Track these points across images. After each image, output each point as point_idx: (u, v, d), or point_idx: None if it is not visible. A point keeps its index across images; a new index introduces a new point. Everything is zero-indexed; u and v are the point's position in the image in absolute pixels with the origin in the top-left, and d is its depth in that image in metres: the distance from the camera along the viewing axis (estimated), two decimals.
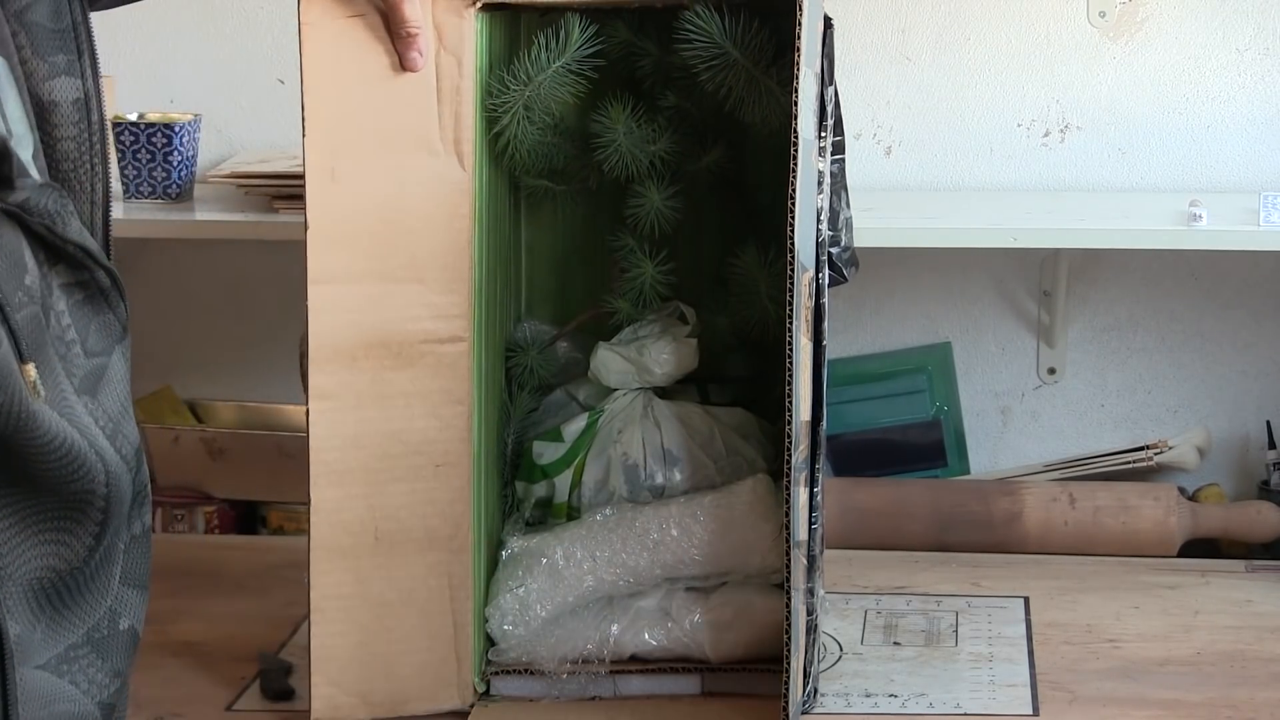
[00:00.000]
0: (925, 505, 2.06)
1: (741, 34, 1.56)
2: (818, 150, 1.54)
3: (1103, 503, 2.04)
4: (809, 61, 1.48)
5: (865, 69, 2.19)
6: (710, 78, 1.58)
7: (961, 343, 2.25)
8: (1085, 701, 1.64)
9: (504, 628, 1.62)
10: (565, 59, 1.59)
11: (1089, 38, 2.17)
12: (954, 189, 2.21)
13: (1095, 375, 2.25)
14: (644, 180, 1.63)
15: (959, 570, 1.97)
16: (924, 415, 2.23)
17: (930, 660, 1.73)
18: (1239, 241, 1.98)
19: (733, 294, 1.66)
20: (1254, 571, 1.96)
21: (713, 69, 1.57)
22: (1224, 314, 2.21)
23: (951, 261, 2.21)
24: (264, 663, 1.74)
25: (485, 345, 1.61)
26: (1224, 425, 2.23)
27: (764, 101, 1.58)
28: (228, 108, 2.25)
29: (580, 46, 1.59)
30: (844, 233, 1.66)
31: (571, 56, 1.59)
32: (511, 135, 1.60)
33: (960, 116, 2.20)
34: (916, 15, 2.19)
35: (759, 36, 1.57)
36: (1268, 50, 2.15)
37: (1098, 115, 2.18)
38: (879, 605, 1.87)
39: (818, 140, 1.54)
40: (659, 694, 1.64)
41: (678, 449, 1.67)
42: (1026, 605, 1.86)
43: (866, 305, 2.24)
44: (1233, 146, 2.17)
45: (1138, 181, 2.19)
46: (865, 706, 1.63)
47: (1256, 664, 1.71)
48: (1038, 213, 2.08)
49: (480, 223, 1.59)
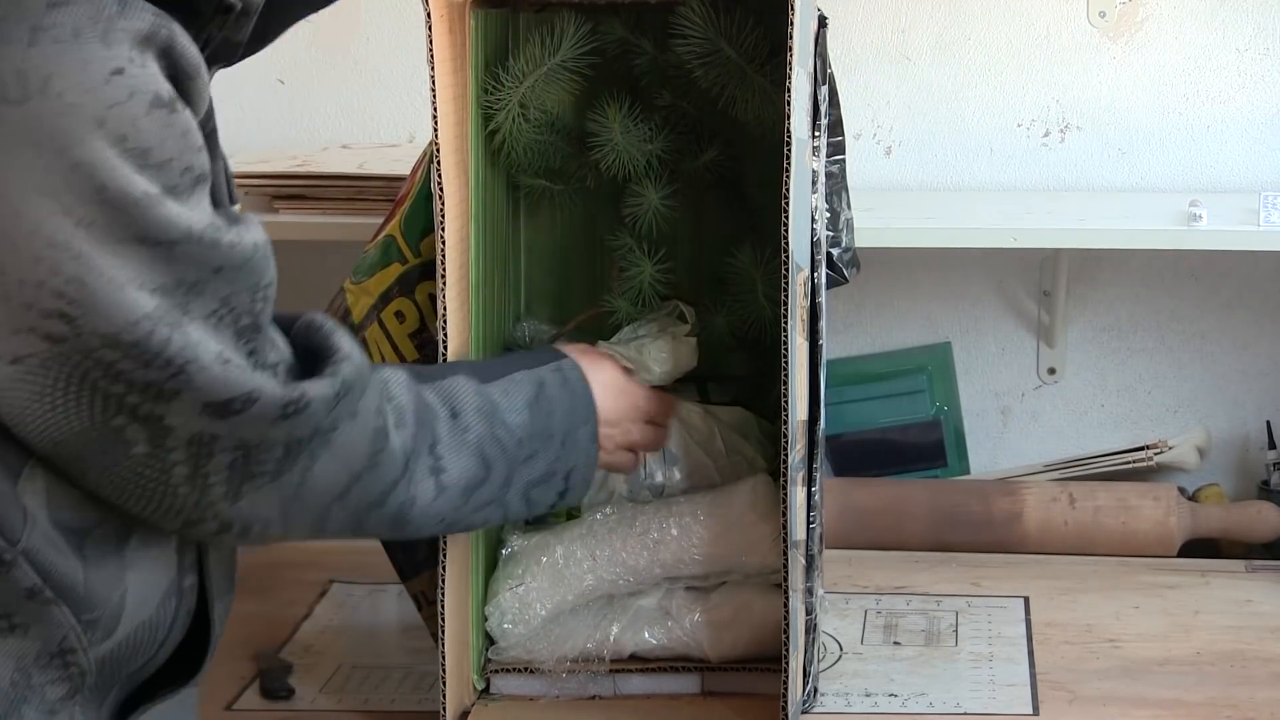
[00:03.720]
0: (925, 505, 2.06)
1: (736, 31, 1.56)
2: (811, 150, 1.53)
3: (1103, 503, 2.04)
4: (802, 61, 1.48)
5: (865, 69, 2.19)
6: (704, 74, 1.58)
7: (961, 343, 2.25)
8: (1085, 701, 1.64)
9: (504, 626, 1.62)
10: (559, 57, 1.59)
11: (1089, 38, 2.17)
12: (954, 189, 2.21)
13: (1095, 375, 2.25)
14: (641, 179, 1.63)
15: (959, 570, 1.97)
16: (924, 415, 2.23)
17: (930, 660, 1.73)
18: (1239, 241, 1.97)
19: (730, 293, 1.65)
20: (1254, 571, 1.96)
21: (706, 65, 1.57)
22: (1224, 314, 2.21)
23: (951, 261, 2.21)
24: (264, 663, 1.74)
25: (484, 345, 1.61)
26: (1224, 425, 2.22)
27: (757, 99, 1.58)
28: (228, 107, 2.23)
29: (575, 44, 1.59)
30: (845, 233, 1.66)
31: (566, 54, 1.59)
32: (507, 133, 1.60)
33: (960, 116, 2.20)
34: (916, 15, 2.19)
35: (753, 34, 1.57)
36: (1268, 50, 2.15)
37: (1098, 115, 2.18)
38: (879, 605, 1.87)
39: (811, 140, 1.53)
40: (658, 693, 1.64)
41: (677, 448, 1.66)
42: (1026, 605, 1.86)
43: (866, 305, 2.24)
44: (1233, 146, 2.17)
45: (1138, 181, 2.19)
46: (865, 706, 1.63)
47: (1256, 664, 1.71)
48: (1038, 213, 2.08)
49: (478, 222, 1.59)
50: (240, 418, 1.15)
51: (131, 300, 1.09)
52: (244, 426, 1.15)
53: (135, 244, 1.08)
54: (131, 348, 1.09)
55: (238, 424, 1.15)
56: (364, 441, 1.24)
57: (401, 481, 1.28)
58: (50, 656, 1.16)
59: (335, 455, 1.22)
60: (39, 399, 1.10)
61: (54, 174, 1.06)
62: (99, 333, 1.08)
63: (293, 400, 1.18)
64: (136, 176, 1.08)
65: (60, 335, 1.08)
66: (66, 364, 1.09)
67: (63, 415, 1.11)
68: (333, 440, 1.21)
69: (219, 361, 1.13)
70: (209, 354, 1.12)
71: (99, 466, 1.14)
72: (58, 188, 1.06)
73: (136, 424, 1.12)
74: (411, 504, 1.30)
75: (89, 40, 1.07)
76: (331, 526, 1.26)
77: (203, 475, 1.16)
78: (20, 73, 1.06)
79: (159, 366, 1.10)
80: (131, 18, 1.09)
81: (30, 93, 1.05)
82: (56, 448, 1.12)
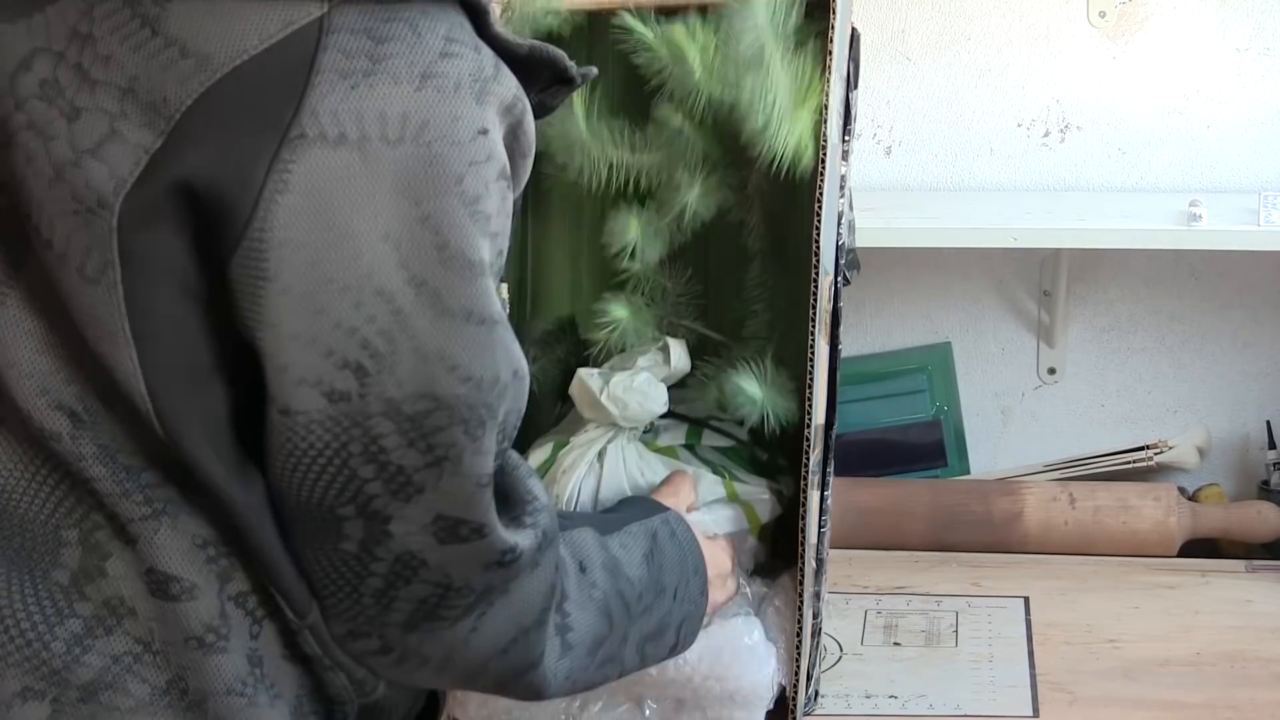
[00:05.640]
0: (925, 505, 2.06)
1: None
2: (841, 154, 1.53)
3: (1103, 503, 2.04)
4: (838, 66, 1.48)
5: (865, 69, 2.17)
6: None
7: (961, 343, 2.25)
8: (1085, 702, 1.64)
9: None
10: None
11: (1089, 38, 2.17)
12: (954, 189, 2.21)
13: (1095, 375, 2.25)
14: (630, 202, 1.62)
15: (959, 570, 1.97)
16: (924, 415, 2.24)
17: (930, 660, 1.73)
18: (1239, 241, 1.97)
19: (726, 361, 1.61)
20: (1254, 571, 1.96)
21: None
22: (1224, 314, 2.21)
23: (951, 261, 2.21)
24: None
25: None
26: (1224, 425, 2.23)
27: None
28: None
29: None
30: (847, 234, 1.66)
31: None
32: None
33: (960, 116, 2.20)
34: (916, 15, 2.19)
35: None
36: (1268, 50, 2.15)
37: (1098, 115, 2.18)
38: (879, 605, 1.87)
39: (841, 144, 1.53)
40: None
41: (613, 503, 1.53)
42: (1026, 605, 1.86)
43: (866, 305, 2.24)
44: (1233, 146, 2.17)
45: (1138, 181, 2.19)
46: (865, 707, 1.63)
47: (1256, 664, 1.71)
48: (1038, 213, 2.08)
49: None
50: (460, 548, 1.10)
51: (431, 371, 1.05)
52: (457, 561, 1.11)
53: (457, 319, 1.05)
54: (407, 420, 1.05)
55: (453, 554, 1.10)
56: (540, 597, 1.18)
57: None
58: (324, 698, 1.17)
59: (511, 605, 1.16)
60: (288, 455, 1.07)
61: (403, 222, 1.03)
62: (385, 396, 1.05)
63: (509, 549, 1.13)
64: (479, 241, 1.05)
65: (344, 393, 1.04)
66: (330, 432, 1.05)
67: (299, 481, 1.07)
68: (511, 590, 1.15)
69: (477, 473, 1.09)
70: (473, 459, 1.08)
71: (304, 536, 1.10)
72: (402, 237, 1.03)
73: (360, 520, 1.08)
74: (548, 668, 1.22)
75: (465, 96, 1.05)
76: (480, 683, 1.20)
77: (391, 596, 1.11)
78: (404, 115, 1.03)
79: (422, 450, 1.06)
80: (503, 84, 1.07)
81: (406, 136, 1.03)
82: (282, 504, 1.09)
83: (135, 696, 1.11)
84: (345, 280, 1.03)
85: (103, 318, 1.04)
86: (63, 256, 1.04)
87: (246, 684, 1.12)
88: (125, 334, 1.04)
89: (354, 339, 1.04)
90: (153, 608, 1.10)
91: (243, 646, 1.12)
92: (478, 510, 1.10)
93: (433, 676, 1.18)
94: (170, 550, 1.09)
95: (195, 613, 1.10)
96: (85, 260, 1.04)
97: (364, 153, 1.02)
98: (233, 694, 1.11)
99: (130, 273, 1.04)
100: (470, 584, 1.12)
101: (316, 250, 1.02)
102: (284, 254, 1.02)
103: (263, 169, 1.02)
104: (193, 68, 1.02)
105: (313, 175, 1.02)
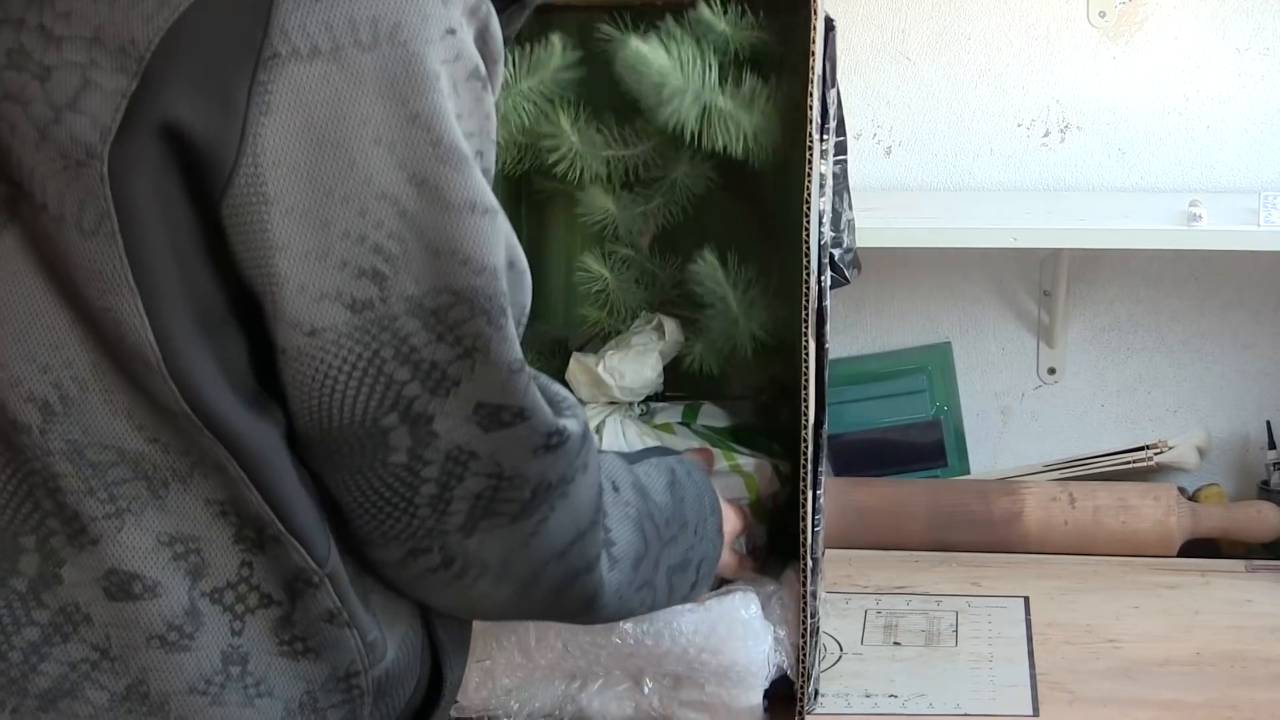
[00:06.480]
0: (925, 505, 2.06)
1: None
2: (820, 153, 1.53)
3: (1103, 502, 2.04)
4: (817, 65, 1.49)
5: (865, 69, 2.19)
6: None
7: (961, 343, 2.25)
8: (1085, 702, 1.64)
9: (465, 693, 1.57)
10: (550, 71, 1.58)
11: (1089, 38, 2.17)
12: (954, 189, 2.21)
13: (1095, 375, 2.25)
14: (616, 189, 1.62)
15: (959, 570, 1.97)
16: (924, 415, 2.24)
17: (930, 660, 1.73)
18: (1239, 241, 1.97)
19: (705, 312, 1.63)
20: (1254, 571, 1.96)
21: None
22: (1224, 314, 2.21)
23: (951, 261, 2.21)
24: None
25: None
26: (1224, 425, 2.23)
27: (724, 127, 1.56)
28: None
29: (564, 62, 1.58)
30: (846, 234, 1.66)
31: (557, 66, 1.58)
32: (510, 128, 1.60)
33: (960, 116, 2.20)
34: (916, 15, 2.19)
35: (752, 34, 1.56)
36: (1268, 50, 2.15)
37: (1098, 115, 2.18)
38: (879, 605, 1.87)
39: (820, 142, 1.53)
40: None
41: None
42: (1026, 605, 1.86)
43: (866, 305, 2.24)
44: (1233, 146, 2.17)
45: (1138, 181, 2.19)
46: (865, 707, 1.63)
47: (1256, 664, 1.71)
48: (1038, 213, 2.08)
49: None
50: (505, 433, 1.10)
51: (445, 266, 1.05)
52: (505, 448, 1.10)
53: (462, 211, 1.05)
54: (431, 315, 1.05)
55: (500, 441, 1.10)
56: (593, 497, 1.18)
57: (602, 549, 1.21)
58: (337, 680, 1.14)
59: (569, 508, 1.16)
60: (321, 381, 1.06)
61: (393, 124, 1.03)
62: (406, 295, 1.05)
63: (556, 430, 1.13)
64: (464, 138, 1.06)
65: (366, 300, 1.04)
66: (360, 342, 1.05)
67: (338, 404, 1.07)
68: (569, 493, 1.15)
69: (507, 359, 1.09)
70: (500, 346, 1.09)
71: (349, 468, 1.09)
72: (395, 139, 1.03)
73: (405, 427, 1.07)
74: (602, 576, 1.22)
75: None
76: (536, 591, 1.19)
77: (446, 500, 1.10)
78: (374, 18, 1.03)
79: (450, 342, 1.06)
80: None
81: (380, 39, 1.03)
82: (310, 444, 1.09)
83: (94, 704, 1.10)
84: (345, 190, 1.03)
85: (105, 270, 1.04)
86: (59, 217, 1.04)
87: (212, 682, 1.11)
88: (129, 284, 1.04)
89: (365, 245, 1.04)
90: (110, 612, 1.09)
91: (217, 644, 1.11)
92: (516, 394, 1.10)
93: (491, 587, 1.16)
94: (132, 549, 1.08)
95: (158, 611, 1.09)
96: (81, 214, 1.03)
97: (340, 61, 1.03)
98: (195, 693, 1.10)
99: (127, 221, 1.03)
100: (522, 472, 1.12)
101: (312, 165, 1.03)
102: (280, 174, 1.03)
103: (243, 95, 1.02)
104: (156, 5, 1.02)
105: (294, 92, 1.02)
